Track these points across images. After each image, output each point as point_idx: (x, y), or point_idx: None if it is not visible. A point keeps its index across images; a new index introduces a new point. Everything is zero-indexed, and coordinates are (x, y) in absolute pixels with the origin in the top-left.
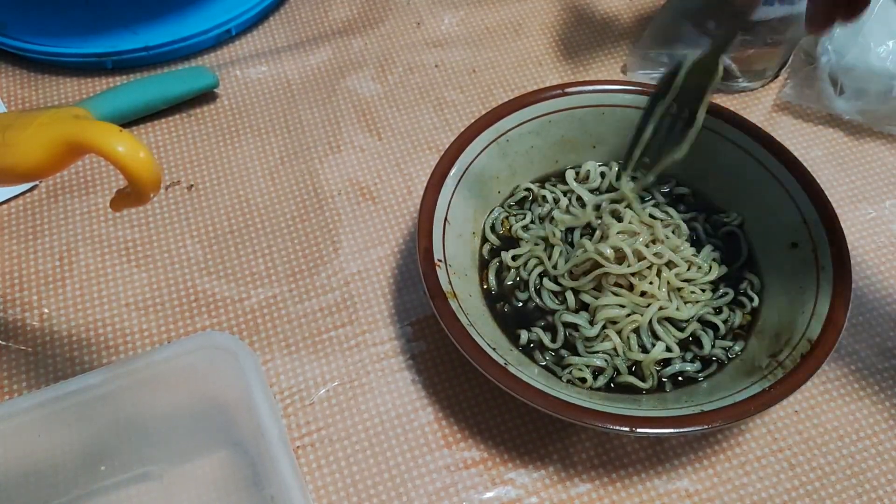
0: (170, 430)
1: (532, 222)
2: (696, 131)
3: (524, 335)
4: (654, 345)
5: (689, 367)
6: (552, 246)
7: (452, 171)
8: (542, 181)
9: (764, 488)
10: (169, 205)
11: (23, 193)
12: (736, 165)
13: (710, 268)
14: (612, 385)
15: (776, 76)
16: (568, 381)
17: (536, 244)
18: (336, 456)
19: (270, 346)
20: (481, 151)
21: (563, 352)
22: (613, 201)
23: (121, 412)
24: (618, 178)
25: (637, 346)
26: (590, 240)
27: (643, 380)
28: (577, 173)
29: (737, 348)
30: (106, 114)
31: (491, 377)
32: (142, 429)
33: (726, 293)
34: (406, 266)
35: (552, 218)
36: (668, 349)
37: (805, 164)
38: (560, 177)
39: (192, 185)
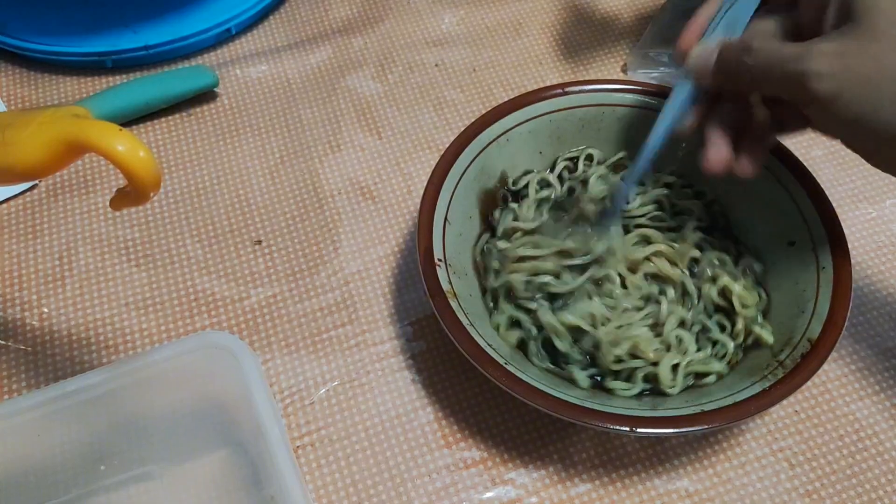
0: (170, 429)
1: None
2: None
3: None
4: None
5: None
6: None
7: (452, 171)
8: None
9: (764, 488)
10: (169, 205)
11: (23, 193)
12: None
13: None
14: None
15: None
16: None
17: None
18: (336, 456)
19: (270, 345)
20: (481, 151)
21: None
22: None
23: (121, 412)
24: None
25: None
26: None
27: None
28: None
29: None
30: (106, 113)
31: (491, 377)
32: (142, 429)
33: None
34: (406, 266)
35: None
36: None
37: (805, 163)
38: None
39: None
